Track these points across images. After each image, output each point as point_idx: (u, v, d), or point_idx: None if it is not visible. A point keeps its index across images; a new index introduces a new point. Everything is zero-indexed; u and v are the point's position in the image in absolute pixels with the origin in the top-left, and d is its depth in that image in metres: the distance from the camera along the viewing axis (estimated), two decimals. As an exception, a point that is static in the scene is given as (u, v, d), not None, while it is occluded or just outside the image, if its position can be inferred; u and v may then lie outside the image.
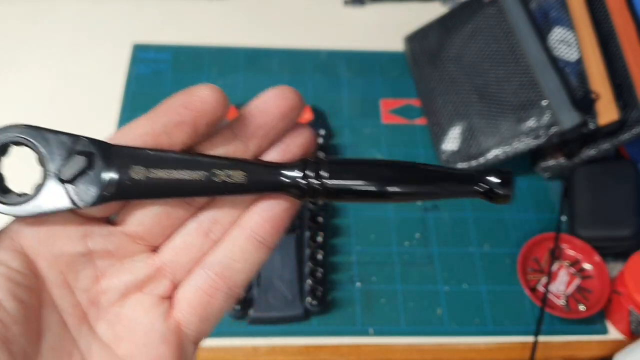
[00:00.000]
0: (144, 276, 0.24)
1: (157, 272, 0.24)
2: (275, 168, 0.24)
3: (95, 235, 0.24)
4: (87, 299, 0.23)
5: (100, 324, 0.23)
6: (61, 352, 0.22)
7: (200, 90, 0.23)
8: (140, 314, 0.24)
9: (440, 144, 0.74)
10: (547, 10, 0.71)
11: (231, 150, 0.24)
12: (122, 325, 0.23)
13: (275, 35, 0.87)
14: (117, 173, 0.23)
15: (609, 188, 0.68)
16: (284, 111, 0.25)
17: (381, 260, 0.67)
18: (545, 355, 0.63)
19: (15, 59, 0.81)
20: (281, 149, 0.25)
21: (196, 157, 0.23)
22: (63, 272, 0.23)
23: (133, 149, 0.23)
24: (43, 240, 0.23)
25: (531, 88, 0.68)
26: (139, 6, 0.88)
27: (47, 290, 0.23)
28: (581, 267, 0.67)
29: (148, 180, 0.23)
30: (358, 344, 0.62)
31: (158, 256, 0.24)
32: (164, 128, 0.23)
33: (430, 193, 0.24)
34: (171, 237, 0.24)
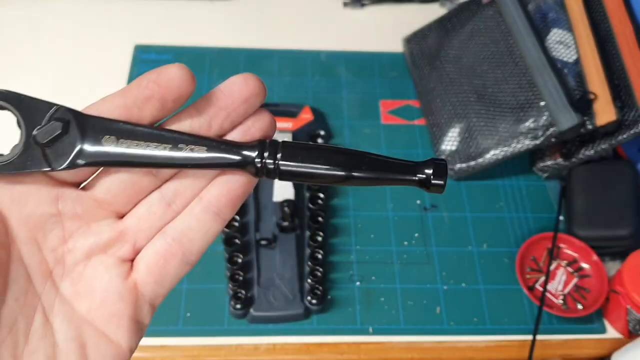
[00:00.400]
0: (108, 239, 0.26)
1: (120, 236, 0.26)
2: (234, 147, 0.26)
3: (66, 198, 0.25)
4: (53, 258, 0.25)
5: (64, 281, 0.25)
6: (24, 304, 0.24)
7: (169, 68, 0.26)
8: (101, 274, 0.25)
9: (440, 144, 0.75)
10: (546, 12, 0.72)
11: (195, 127, 0.26)
12: (84, 283, 0.25)
13: (276, 37, 0.87)
14: (90, 141, 0.24)
15: (606, 188, 0.69)
16: (246, 96, 0.27)
17: (381, 259, 0.67)
18: (544, 353, 0.64)
19: (17, 59, 0.81)
20: (242, 130, 0.27)
21: (163, 131, 0.25)
22: (32, 230, 0.25)
23: (106, 120, 0.25)
24: (16, 199, 0.24)
25: (529, 89, 0.69)
26: (140, 8, 0.89)
27: (16, 246, 0.24)
28: (579, 267, 0.68)
29: (117, 150, 0.24)
30: (358, 343, 0.62)
31: (122, 222, 0.26)
32: (134, 102, 0.25)
33: (374, 179, 0.26)
34: (136, 205, 0.26)
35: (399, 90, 0.82)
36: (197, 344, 0.61)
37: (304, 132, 0.74)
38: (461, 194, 0.73)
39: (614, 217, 0.67)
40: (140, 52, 0.83)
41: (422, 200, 0.72)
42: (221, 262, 0.64)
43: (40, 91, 0.84)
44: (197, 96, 0.25)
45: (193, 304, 0.63)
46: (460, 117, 0.73)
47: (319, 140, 0.73)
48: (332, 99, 0.81)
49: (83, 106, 0.28)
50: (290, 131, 0.74)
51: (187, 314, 0.62)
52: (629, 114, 0.65)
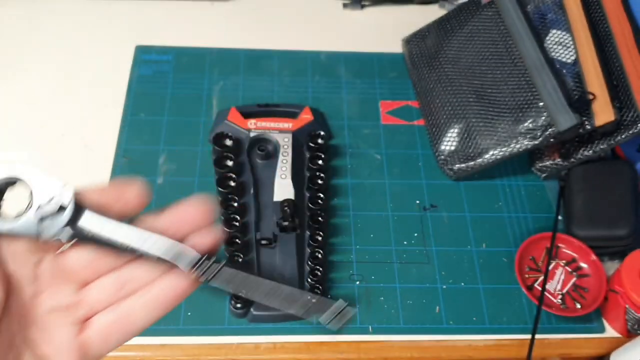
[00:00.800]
0: (69, 302, 0.32)
1: (79, 302, 0.32)
2: (187, 251, 0.32)
3: (45, 263, 0.32)
4: (27, 307, 0.31)
5: (32, 328, 0.31)
6: (7, 336, 0.30)
7: (130, 187, 0.33)
8: (59, 327, 0.32)
9: (439, 144, 0.75)
10: (544, 13, 0.72)
11: (158, 229, 0.32)
12: (46, 333, 0.31)
13: (276, 37, 0.87)
14: (74, 222, 0.31)
15: (605, 188, 0.69)
16: (197, 220, 0.33)
17: (380, 259, 0.68)
18: (542, 353, 0.64)
19: (19, 60, 0.82)
20: (193, 241, 0.33)
21: (130, 227, 0.31)
22: (14, 283, 0.31)
23: (91, 211, 0.31)
24: (9, 257, 0.30)
25: (528, 89, 0.69)
26: (141, 8, 0.89)
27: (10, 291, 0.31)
28: (578, 266, 0.68)
29: (92, 232, 0.31)
30: (357, 342, 0.63)
31: (84, 290, 0.32)
32: (108, 201, 0.32)
33: (291, 315, 0.37)
34: (99, 278, 0.33)
35: (398, 90, 0.83)
36: (198, 343, 0.62)
37: (303, 132, 0.74)
38: (460, 194, 0.74)
39: (612, 217, 0.67)
40: (141, 52, 0.83)
41: (422, 200, 0.73)
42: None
43: (41, 91, 0.85)
44: (197, 97, 0.25)
45: (193, 303, 0.63)
46: (459, 118, 0.74)
47: (319, 140, 0.73)
48: (332, 99, 0.81)
49: (86, 106, 0.29)
50: (290, 131, 0.74)
51: (187, 313, 0.63)
52: (628, 114, 0.65)
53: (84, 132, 0.75)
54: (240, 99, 0.80)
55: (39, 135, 0.75)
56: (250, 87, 0.81)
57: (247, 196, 0.68)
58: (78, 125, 0.76)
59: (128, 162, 0.73)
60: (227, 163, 0.70)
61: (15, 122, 0.76)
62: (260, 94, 0.80)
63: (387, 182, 0.74)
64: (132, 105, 0.78)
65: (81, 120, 0.76)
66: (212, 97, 0.80)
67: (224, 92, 0.80)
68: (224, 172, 0.69)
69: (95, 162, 0.73)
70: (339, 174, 0.74)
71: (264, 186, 0.69)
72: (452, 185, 0.74)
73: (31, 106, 0.77)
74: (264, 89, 0.81)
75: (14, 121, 0.76)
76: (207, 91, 0.80)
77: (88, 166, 0.72)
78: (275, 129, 0.74)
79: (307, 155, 0.73)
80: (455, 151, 0.74)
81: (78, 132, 0.75)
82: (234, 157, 0.70)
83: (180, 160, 0.73)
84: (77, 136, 0.75)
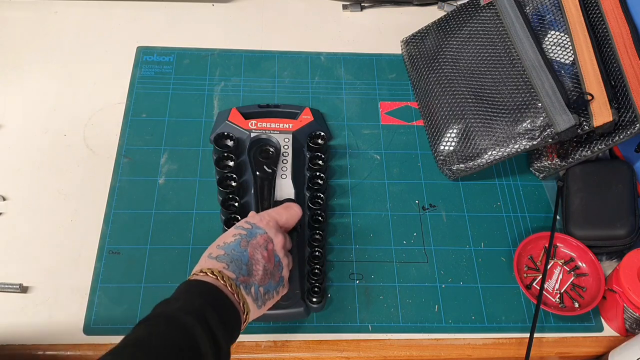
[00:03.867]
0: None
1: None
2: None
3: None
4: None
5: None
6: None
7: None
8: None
9: (438, 145, 0.75)
10: (543, 14, 0.72)
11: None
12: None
13: (276, 39, 0.88)
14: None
15: (603, 188, 0.69)
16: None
17: (380, 258, 0.68)
18: (541, 351, 0.64)
19: (22, 61, 0.82)
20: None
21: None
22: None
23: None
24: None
25: (527, 90, 0.69)
26: (143, 10, 0.90)
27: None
28: (576, 266, 0.69)
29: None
30: (357, 340, 0.63)
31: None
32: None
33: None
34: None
35: (397, 91, 0.83)
36: (199, 341, 0.62)
37: (304, 133, 0.75)
38: (459, 194, 0.74)
39: (610, 217, 0.68)
40: (143, 53, 0.84)
41: (421, 200, 0.73)
42: (222, 261, 0.65)
43: (44, 92, 0.86)
44: (199, 98, 0.25)
45: (195, 302, 0.64)
46: (458, 118, 0.74)
47: (319, 141, 0.74)
48: (331, 100, 0.82)
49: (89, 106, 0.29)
50: (291, 132, 0.74)
51: (188, 312, 0.63)
52: (626, 114, 0.65)
53: (86, 132, 0.76)
54: (241, 100, 0.80)
55: (41, 135, 0.75)
56: (251, 88, 0.81)
57: (248, 196, 0.69)
58: (80, 125, 0.76)
59: (130, 162, 0.73)
60: (228, 163, 0.71)
61: (18, 123, 0.76)
62: (260, 94, 0.81)
63: (387, 182, 0.74)
64: (134, 105, 0.78)
65: (83, 121, 0.77)
66: (213, 97, 0.80)
67: (225, 93, 0.81)
68: (225, 172, 0.70)
69: (97, 162, 0.73)
70: (339, 174, 0.75)
71: (265, 186, 0.70)
72: (451, 185, 0.75)
73: (34, 107, 0.78)
74: (264, 90, 0.82)
75: (17, 121, 0.76)
76: (208, 92, 0.81)
77: (90, 166, 0.73)
78: (276, 130, 0.74)
79: (307, 155, 0.74)
80: (454, 151, 0.74)
81: (80, 132, 0.76)
82: (234, 158, 0.71)
83: (182, 161, 0.74)
84: (79, 136, 0.75)
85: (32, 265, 0.65)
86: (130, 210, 0.69)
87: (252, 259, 0.55)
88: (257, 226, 0.58)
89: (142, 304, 0.63)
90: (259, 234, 0.57)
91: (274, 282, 0.56)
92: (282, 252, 0.58)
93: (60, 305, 0.62)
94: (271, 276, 0.56)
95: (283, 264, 0.58)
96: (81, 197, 0.70)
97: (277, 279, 0.57)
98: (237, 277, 0.53)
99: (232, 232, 0.57)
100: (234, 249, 0.55)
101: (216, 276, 0.51)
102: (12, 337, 0.60)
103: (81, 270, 0.65)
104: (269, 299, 0.56)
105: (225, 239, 0.56)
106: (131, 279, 0.64)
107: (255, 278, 0.54)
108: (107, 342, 0.60)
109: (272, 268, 0.56)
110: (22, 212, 0.69)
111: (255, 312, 0.54)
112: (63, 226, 0.68)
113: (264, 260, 0.55)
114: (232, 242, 0.55)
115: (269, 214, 0.60)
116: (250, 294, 0.53)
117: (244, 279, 0.53)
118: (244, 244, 0.55)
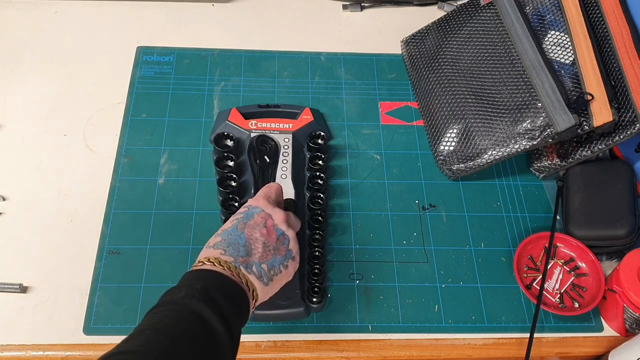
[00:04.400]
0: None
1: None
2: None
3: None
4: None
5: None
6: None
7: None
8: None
9: (438, 145, 0.75)
10: (543, 14, 0.72)
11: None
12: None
13: (276, 39, 0.88)
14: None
15: (603, 188, 0.69)
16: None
17: (380, 258, 0.68)
18: (541, 351, 0.64)
19: (23, 61, 0.82)
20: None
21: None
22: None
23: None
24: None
25: (527, 90, 0.69)
26: (143, 10, 0.90)
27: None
28: (576, 266, 0.69)
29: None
30: (357, 340, 0.63)
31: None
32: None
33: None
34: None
35: (397, 91, 0.83)
36: (199, 341, 0.62)
37: (304, 132, 0.75)
38: (459, 194, 0.74)
39: (610, 217, 0.68)
40: (143, 53, 0.84)
41: (421, 200, 0.73)
42: (222, 261, 0.65)
43: (44, 92, 0.86)
44: (199, 98, 0.25)
45: (195, 302, 0.64)
46: (458, 118, 0.74)
47: (319, 141, 0.74)
48: (331, 100, 0.82)
49: (89, 106, 0.29)
50: (291, 132, 0.74)
51: (188, 312, 0.63)
52: (626, 114, 0.65)
53: (86, 132, 0.76)
54: (241, 100, 0.80)
55: (41, 135, 0.75)
56: (250, 88, 0.81)
57: (248, 196, 0.69)
58: (80, 125, 0.76)
59: (129, 162, 0.73)
60: (228, 163, 0.71)
61: (18, 123, 0.76)
62: (260, 94, 0.81)
63: (387, 182, 0.74)
64: (134, 105, 0.78)
65: (83, 121, 0.77)
66: (213, 97, 0.80)
67: (225, 93, 0.81)
68: (225, 172, 0.70)
69: (97, 161, 0.73)
70: (339, 174, 0.75)
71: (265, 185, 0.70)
72: (451, 185, 0.75)
73: (34, 106, 0.78)
74: (264, 90, 0.82)
75: (17, 121, 0.76)
76: (208, 92, 0.81)
77: (90, 166, 0.73)
78: (276, 130, 0.74)
79: (307, 155, 0.74)
80: (454, 151, 0.74)
81: (80, 132, 0.76)
82: (234, 158, 0.71)
83: (182, 161, 0.74)
84: (79, 136, 0.75)
85: (32, 265, 0.65)
86: (130, 210, 0.69)
87: (250, 238, 0.55)
88: (253, 207, 0.58)
89: (142, 304, 0.63)
90: (256, 214, 0.57)
91: (280, 256, 0.56)
92: (285, 226, 0.58)
93: (60, 305, 0.63)
94: (275, 251, 0.55)
95: (289, 236, 0.57)
96: (81, 197, 0.70)
97: (282, 252, 0.56)
98: (235, 259, 0.53)
99: (231, 219, 0.57)
100: (231, 233, 0.55)
101: (212, 262, 0.51)
102: (12, 337, 0.60)
103: (81, 270, 0.65)
104: (276, 274, 0.55)
105: (224, 227, 0.56)
106: (131, 279, 0.64)
107: (255, 256, 0.54)
108: (107, 342, 0.60)
109: (274, 243, 0.56)
110: (22, 212, 0.69)
111: (263, 289, 0.54)
112: (63, 226, 0.68)
113: (263, 237, 0.55)
114: (229, 228, 0.55)
115: (259, 193, 0.61)
116: (252, 272, 0.53)
117: (243, 260, 0.53)
118: (241, 226, 0.55)
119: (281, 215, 0.58)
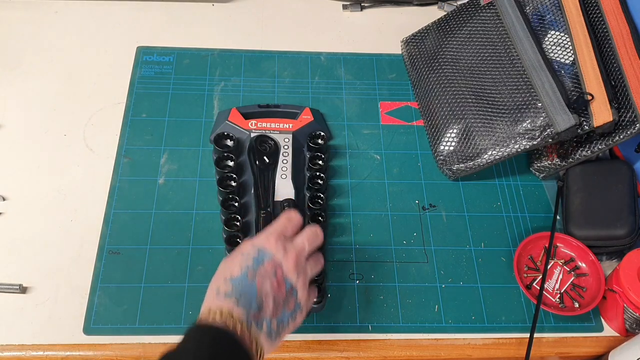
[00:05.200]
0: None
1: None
2: None
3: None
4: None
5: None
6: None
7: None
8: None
9: (438, 145, 0.75)
10: (543, 14, 0.72)
11: None
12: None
13: (276, 39, 0.88)
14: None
15: (603, 188, 0.69)
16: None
17: (380, 258, 0.68)
18: (541, 351, 0.64)
19: (23, 61, 0.82)
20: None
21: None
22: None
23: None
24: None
25: (527, 90, 0.69)
26: (143, 10, 0.90)
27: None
28: (576, 266, 0.69)
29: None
30: (357, 340, 0.63)
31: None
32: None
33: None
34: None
35: (397, 91, 0.83)
36: (199, 341, 0.62)
37: (304, 132, 0.75)
38: (459, 194, 0.74)
39: (610, 217, 0.68)
40: (143, 53, 0.84)
41: (421, 200, 0.73)
42: (222, 261, 0.65)
43: (43, 92, 0.86)
44: (198, 98, 0.25)
45: (195, 302, 0.64)
46: (458, 118, 0.74)
47: (319, 141, 0.74)
48: (331, 100, 0.82)
49: (89, 106, 0.29)
50: (291, 132, 0.74)
51: (189, 312, 0.63)
52: (626, 114, 0.66)
53: (86, 132, 0.76)
54: (241, 100, 0.80)
55: (41, 135, 0.75)
56: (250, 88, 0.81)
57: (248, 196, 0.69)
58: (80, 125, 0.76)
59: (129, 162, 0.73)
60: (228, 163, 0.71)
61: (18, 123, 0.76)
62: (260, 94, 0.81)
63: (387, 182, 0.74)
64: (134, 105, 0.78)
65: (83, 121, 0.77)
66: (213, 97, 0.80)
67: (225, 93, 0.81)
68: (225, 172, 0.70)
69: (97, 162, 0.73)
70: (339, 174, 0.75)
71: (265, 186, 0.70)
72: (451, 185, 0.75)
73: (34, 106, 0.78)
74: (264, 90, 0.82)
75: (17, 121, 0.76)
76: (208, 92, 0.81)
77: (90, 166, 0.73)
78: (276, 130, 0.74)
79: (307, 155, 0.74)
80: (454, 151, 0.74)
81: (80, 132, 0.76)
82: (234, 158, 0.71)
83: (182, 161, 0.74)
84: (79, 136, 0.75)
85: (32, 265, 0.65)
86: (130, 210, 0.69)
87: (261, 291, 0.51)
88: (263, 250, 0.54)
89: (142, 304, 0.63)
90: (266, 260, 0.53)
91: (289, 310, 0.53)
92: (294, 274, 0.53)
93: (60, 305, 0.63)
94: (284, 305, 0.52)
95: (298, 287, 0.53)
96: (81, 197, 0.70)
97: (291, 306, 0.53)
98: (247, 314, 0.50)
99: (238, 260, 0.53)
100: (242, 282, 0.51)
101: (224, 318, 0.49)
102: (12, 337, 0.60)
103: (81, 270, 0.65)
104: (283, 329, 0.53)
105: (232, 271, 0.52)
106: (131, 279, 0.64)
107: (266, 312, 0.51)
108: (107, 342, 0.60)
109: (283, 297, 0.52)
110: (22, 212, 0.69)
111: (270, 346, 0.51)
112: (63, 226, 0.68)
113: (273, 291, 0.52)
114: (238, 275, 0.52)
115: (275, 227, 0.56)
116: (262, 331, 0.50)
117: (255, 315, 0.50)
118: (251, 274, 0.52)
119: (292, 261, 0.54)
